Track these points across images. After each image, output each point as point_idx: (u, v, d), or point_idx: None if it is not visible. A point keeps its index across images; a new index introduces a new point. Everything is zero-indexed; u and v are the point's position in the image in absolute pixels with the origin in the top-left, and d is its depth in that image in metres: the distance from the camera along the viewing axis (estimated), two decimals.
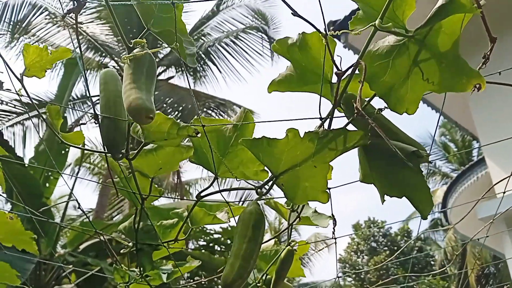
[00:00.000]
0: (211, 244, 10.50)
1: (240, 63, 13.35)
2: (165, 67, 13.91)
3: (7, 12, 10.80)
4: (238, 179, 1.10)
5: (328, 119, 0.90)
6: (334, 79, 0.95)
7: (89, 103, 12.82)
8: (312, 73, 0.96)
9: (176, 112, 12.59)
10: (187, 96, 12.33)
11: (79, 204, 1.27)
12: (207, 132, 1.05)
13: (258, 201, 0.97)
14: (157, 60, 13.84)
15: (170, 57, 13.31)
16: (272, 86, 1.03)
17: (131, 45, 0.90)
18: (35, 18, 11.09)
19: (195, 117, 1.00)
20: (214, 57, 13.45)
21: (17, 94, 1.07)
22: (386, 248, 22.31)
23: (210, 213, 1.27)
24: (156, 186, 1.30)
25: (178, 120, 1.05)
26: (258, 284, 1.39)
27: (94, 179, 15.38)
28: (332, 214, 1.14)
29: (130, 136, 1.02)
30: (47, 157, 7.74)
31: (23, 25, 10.97)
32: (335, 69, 0.89)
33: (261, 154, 0.89)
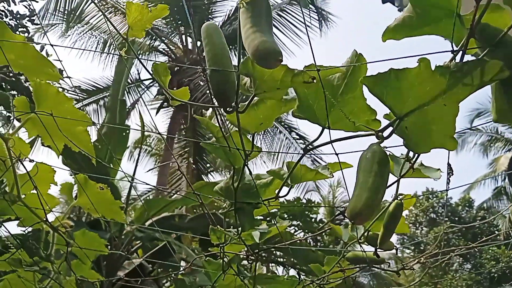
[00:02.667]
0: (268, 218, 10.64)
1: (287, 36, 13.12)
2: None
3: (60, 2, 11.21)
4: (347, 131, 1.06)
5: (460, 53, 0.82)
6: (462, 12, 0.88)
7: (143, 87, 13.17)
8: (436, 8, 0.88)
9: None
10: None
11: (181, 172, 1.28)
12: (312, 84, 1.00)
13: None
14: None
15: None
16: (387, 33, 0.95)
17: None
18: (87, 6, 11.45)
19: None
20: None
21: (120, 55, 1.07)
22: (446, 219, 21.62)
23: (312, 168, 1.24)
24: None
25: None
26: (360, 240, 1.36)
27: (151, 160, 15.95)
28: (448, 163, 1.07)
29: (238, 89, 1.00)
30: (109, 140, 8.05)
31: (77, 14, 11.35)
32: None
33: (385, 91, 0.84)
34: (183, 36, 13.35)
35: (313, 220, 10.83)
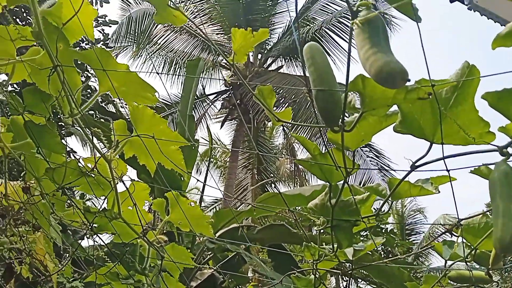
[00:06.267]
0: None
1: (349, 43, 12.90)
2: (274, 58, 14.10)
3: (131, 25, 11.89)
4: (456, 145, 1.02)
5: None
6: None
7: (208, 101, 13.57)
8: None
9: (290, 101, 12.70)
10: (299, 84, 12.32)
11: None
12: (417, 100, 0.98)
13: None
14: (265, 51, 14.10)
15: (279, 47, 13.44)
16: (498, 40, 0.90)
17: (355, 9, 0.87)
18: (155, 28, 12.04)
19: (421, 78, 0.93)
20: (322, 41, 13.24)
21: (225, 76, 1.11)
22: None
23: (415, 184, 1.20)
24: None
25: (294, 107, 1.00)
26: (467, 259, 1.29)
27: (217, 172, 16.33)
28: None
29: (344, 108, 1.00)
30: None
31: (145, 35, 11.97)
32: None
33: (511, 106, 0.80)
34: None
35: (383, 231, 10.47)
